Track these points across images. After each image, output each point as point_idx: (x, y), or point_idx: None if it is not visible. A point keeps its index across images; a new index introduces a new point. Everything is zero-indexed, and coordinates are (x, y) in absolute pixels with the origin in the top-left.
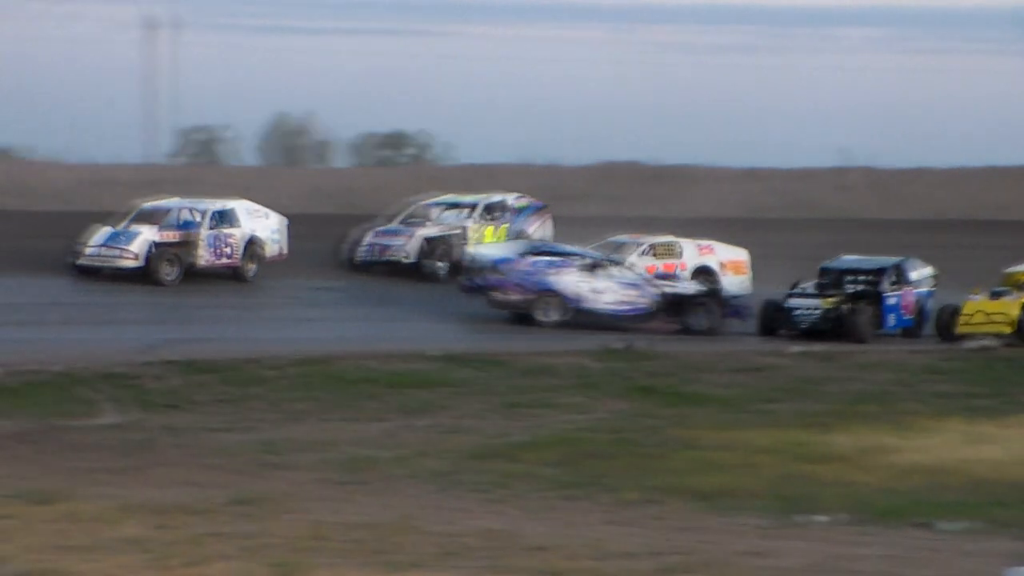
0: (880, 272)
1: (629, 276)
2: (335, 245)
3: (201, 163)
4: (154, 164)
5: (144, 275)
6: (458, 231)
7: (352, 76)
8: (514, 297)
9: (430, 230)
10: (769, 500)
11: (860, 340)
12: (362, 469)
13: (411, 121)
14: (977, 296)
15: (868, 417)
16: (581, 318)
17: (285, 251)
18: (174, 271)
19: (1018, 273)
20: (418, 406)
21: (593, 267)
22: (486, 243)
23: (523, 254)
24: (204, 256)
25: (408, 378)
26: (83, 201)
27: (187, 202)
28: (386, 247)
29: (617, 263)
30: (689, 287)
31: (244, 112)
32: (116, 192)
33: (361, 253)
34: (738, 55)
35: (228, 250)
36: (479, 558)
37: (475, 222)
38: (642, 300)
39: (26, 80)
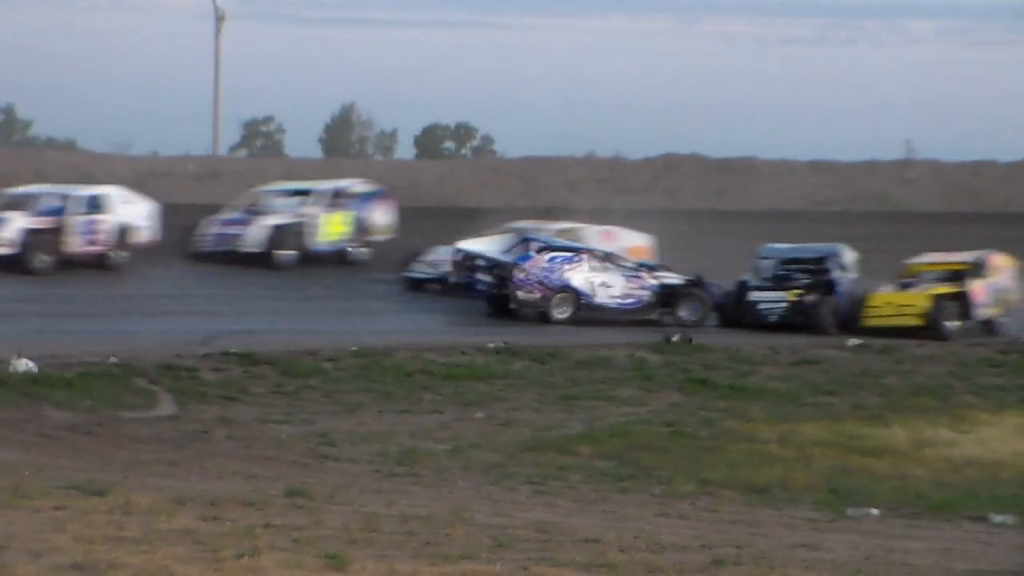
0: (823, 260)
1: (631, 269)
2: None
3: (264, 155)
4: (217, 156)
5: (17, 263)
6: (306, 219)
7: (417, 69)
8: (536, 295)
9: (277, 218)
10: (823, 493)
11: (824, 331)
12: (416, 461)
13: (475, 114)
14: (886, 288)
15: (924, 410)
16: (585, 313)
17: (157, 237)
18: (49, 258)
19: (921, 264)
20: (474, 398)
21: (601, 261)
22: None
23: (518, 248)
24: (76, 243)
25: (465, 370)
26: (146, 193)
27: (57, 188)
28: (232, 236)
29: (612, 255)
30: (677, 277)
31: (308, 104)
32: (178, 184)
33: (206, 242)
34: (804, 47)
35: (100, 237)
36: (531, 550)
37: (322, 209)
38: (643, 292)
39: (90, 72)
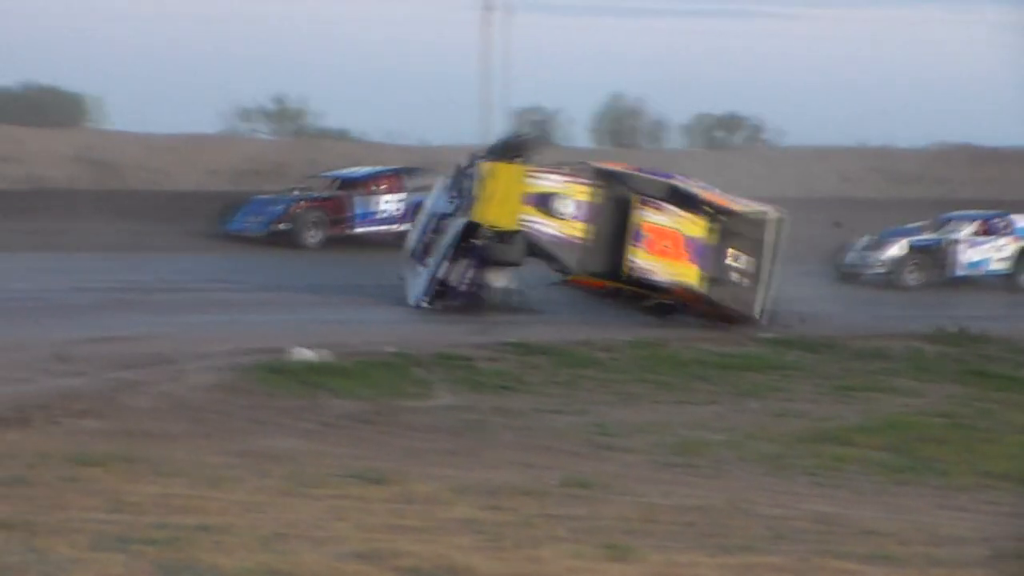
0: None
1: None
2: None
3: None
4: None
5: None
6: None
7: (687, 58)
8: None
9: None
10: None
11: None
12: (693, 452)
13: (745, 104)
14: None
15: None
16: None
17: None
18: None
19: None
20: (749, 388)
21: None
22: None
23: None
24: None
25: (740, 360)
26: None
27: None
28: None
29: None
30: None
31: (578, 94)
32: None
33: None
34: None
35: None
36: (810, 542)
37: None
38: None
39: (360, 62)
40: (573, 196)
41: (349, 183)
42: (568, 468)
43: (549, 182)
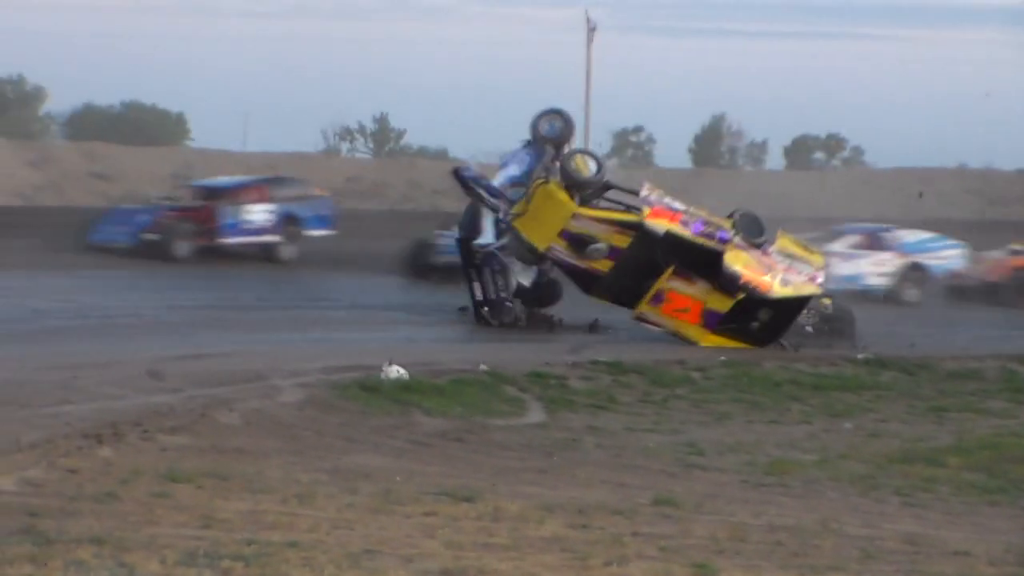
0: None
1: None
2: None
3: (634, 165)
4: None
5: None
6: None
7: (787, 79)
8: None
9: None
10: None
11: None
12: (784, 472)
13: (846, 125)
14: None
15: None
16: None
17: None
18: None
19: None
20: (842, 409)
21: None
22: None
23: None
24: None
25: (834, 381)
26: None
27: None
28: None
29: None
30: None
31: (678, 115)
32: None
33: None
34: None
35: None
36: (899, 562)
37: None
38: None
39: (460, 82)
40: (610, 241)
41: (215, 193)
42: (658, 487)
43: (593, 227)
